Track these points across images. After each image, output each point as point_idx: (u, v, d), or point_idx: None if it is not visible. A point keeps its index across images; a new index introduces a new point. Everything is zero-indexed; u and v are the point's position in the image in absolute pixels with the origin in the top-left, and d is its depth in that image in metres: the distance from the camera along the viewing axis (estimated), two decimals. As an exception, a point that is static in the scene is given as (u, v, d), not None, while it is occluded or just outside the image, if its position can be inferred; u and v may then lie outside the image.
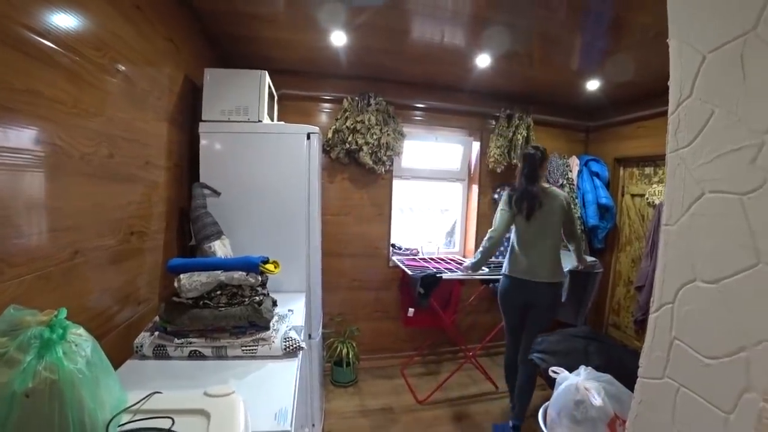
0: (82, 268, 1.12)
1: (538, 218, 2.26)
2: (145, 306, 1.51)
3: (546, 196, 2.28)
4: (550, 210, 2.27)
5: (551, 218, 2.27)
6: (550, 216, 2.27)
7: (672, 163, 0.82)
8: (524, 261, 2.28)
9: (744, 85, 0.71)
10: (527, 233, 2.30)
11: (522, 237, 2.32)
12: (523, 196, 2.27)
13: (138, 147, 1.44)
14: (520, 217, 2.29)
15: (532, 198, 2.26)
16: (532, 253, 2.28)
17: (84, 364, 0.62)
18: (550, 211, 2.27)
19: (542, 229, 2.28)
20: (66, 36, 1.01)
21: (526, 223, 2.28)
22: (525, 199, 2.26)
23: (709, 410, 0.73)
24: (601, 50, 2.28)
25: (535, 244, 2.28)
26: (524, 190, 2.28)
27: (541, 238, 2.28)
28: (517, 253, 2.33)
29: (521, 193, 2.29)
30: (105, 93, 1.21)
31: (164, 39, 1.64)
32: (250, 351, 1.20)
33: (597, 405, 1.15)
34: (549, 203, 2.27)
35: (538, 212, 2.25)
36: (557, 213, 2.28)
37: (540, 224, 2.27)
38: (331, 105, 2.91)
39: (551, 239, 2.29)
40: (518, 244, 2.33)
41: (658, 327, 0.84)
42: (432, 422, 2.45)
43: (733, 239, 0.71)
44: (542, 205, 2.25)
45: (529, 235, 2.29)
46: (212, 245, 1.73)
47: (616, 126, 3.29)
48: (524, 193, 2.28)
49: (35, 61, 0.91)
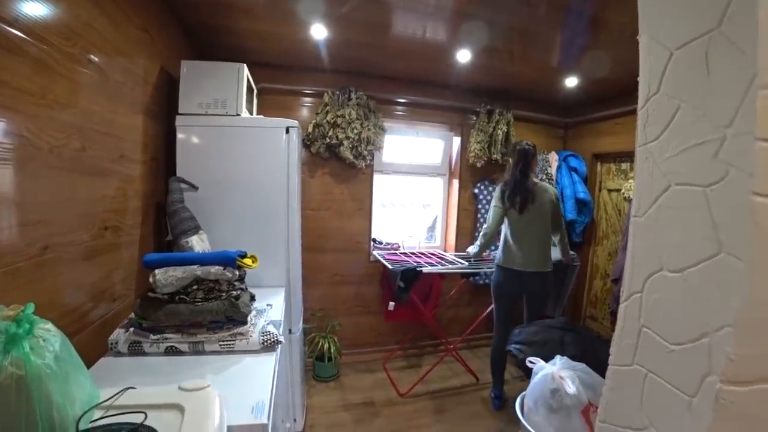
0: (53, 263, 1.08)
1: (530, 211, 2.36)
2: (121, 302, 1.47)
3: (537, 190, 2.39)
4: (542, 203, 2.38)
5: (542, 211, 2.39)
6: (541, 209, 2.38)
7: (641, 156, 0.85)
8: (518, 252, 2.39)
9: (708, 82, 0.73)
10: (520, 226, 2.40)
11: (515, 230, 2.41)
12: (516, 190, 2.37)
13: (112, 140, 1.40)
14: (513, 211, 2.39)
15: (526, 192, 2.36)
16: (525, 244, 2.39)
17: (52, 359, 0.60)
18: (541, 204, 2.38)
19: (534, 222, 2.39)
20: (34, 24, 0.97)
21: (519, 216, 2.38)
22: (518, 193, 2.36)
23: (674, 394, 0.76)
24: (579, 47, 2.32)
25: (527, 236, 2.39)
26: (518, 184, 2.38)
27: (533, 230, 2.39)
28: (510, 245, 2.42)
29: (514, 187, 2.38)
30: (76, 84, 1.17)
31: (138, 29, 1.59)
32: (228, 346, 1.19)
33: (571, 393, 1.18)
34: (540, 197, 2.38)
35: (531, 206, 2.36)
36: (548, 206, 2.40)
37: (532, 217, 2.37)
38: (311, 99, 2.89)
39: (542, 231, 2.42)
40: (512, 236, 2.42)
41: (628, 315, 0.87)
42: (413, 415, 2.47)
43: (697, 230, 0.73)
44: (534, 199, 2.37)
45: (522, 227, 2.39)
46: (189, 240, 1.70)
47: (593, 122, 3.37)
48: (518, 187, 2.38)
49: (1, 49, 0.87)
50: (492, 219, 2.47)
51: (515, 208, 2.38)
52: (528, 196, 2.36)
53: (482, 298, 3.35)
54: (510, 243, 2.43)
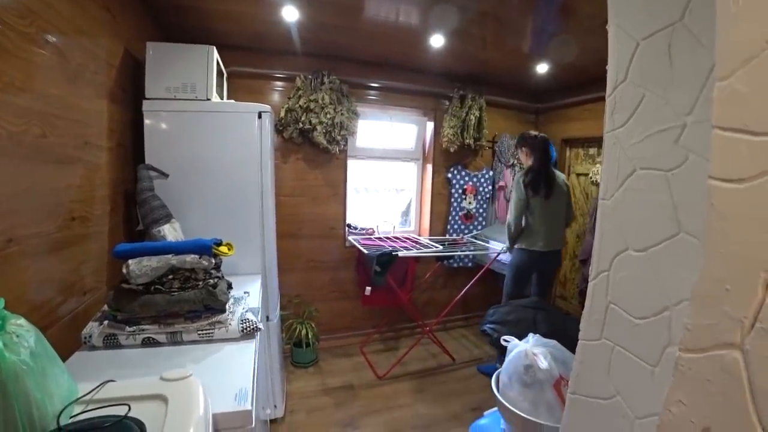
0: (18, 257, 1.04)
1: (553, 197, 2.56)
2: (92, 295, 1.43)
3: (555, 177, 2.62)
4: (559, 187, 2.61)
5: (561, 194, 2.61)
6: (560, 192, 2.61)
7: (608, 142, 0.89)
8: (542, 235, 2.56)
9: (671, 72, 0.77)
10: (545, 211, 2.57)
11: (540, 214, 2.57)
12: (540, 178, 2.55)
13: (75, 126, 1.34)
14: (537, 198, 2.55)
15: (550, 179, 2.56)
16: (548, 227, 2.57)
17: (28, 355, 0.59)
18: (560, 190, 2.61)
19: (556, 205, 2.60)
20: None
21: (545, 202, 2.55)
22: (543, 180, 2.54)
23: (638, 365, 0.82)
24: (550, 34, 2.36)
25: (550, 219, 2.58)
26: (541, 173, 2.56)
27: (555, 213, 2.61)
28: (534, 230, 2.59)
29: (538, 175, 2.56)
30: (34, 66, 1.10)
31: (99, 7, 1.51)
32: (207, 335, 1.18)
33: (543, 368, 1.24)
34: (558, 183, 2.61)
35: (553, 191, 2.56)
36: (564, 189, 2.65)
37: (555, 202, 2.58)
38: (283, 83, 2.82)
39: (561, 212, 2.65)
40: (536, 221, 2.58)
41: (596, 293, 0.92)
42: (393, 395, 2.53)
43: (659, 211, 0.78)
44: (555, 184, 2.58)
45: (547, 211, 2.57)
46: (161, 229, 1.66)
47: (563, 108, 3.45)
48: (541, 175, 2.56)
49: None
50: (518, 211, 2.58)
51: (540, 195, 2.53)
52: (553, 182, 2.56)
53: (457, 281, 3.44)
54: (533, 227, 2.58)
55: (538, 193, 2.54)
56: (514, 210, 2.60)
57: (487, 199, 3.52)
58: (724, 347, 0.50)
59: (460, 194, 3.44)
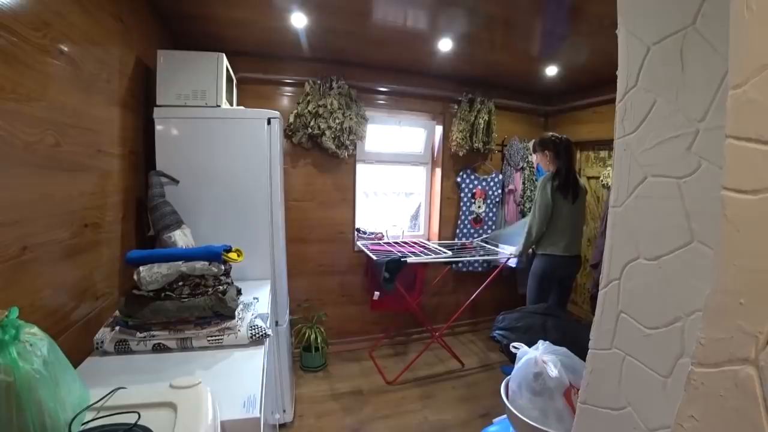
0: (32, 264, 1.05)
1: (578, 200, 2.54)
2: (104, 300, 1.45)
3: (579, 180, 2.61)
4: (582, 193, 2.58)
5: (583, 199, 2.60)
6: (582, 197, 2.59)
7: (619, 148, 0.88)
8: (566, 239, 2.52)
9: (682, 77, 0.76)
10: (571, 215, 2.52)
11: (566, 219, 2.51)
12: (568, 182, 2.49)
13: (88, 134, 1.36)
14: (563, 202, 2.49)
15: (577, 184, 2.54)
16: (572, 231, 2.55)
17: (41, 363, 0.60)
18: (582, 194, 2.58)
19: (579, 210, 2.58)
20: (1, 15, 0.93)
21: (571, 206, 2.51)
22: (570, 184, 2.50)
23: (650, 376, 0.80)
24: (559, 37, 2.34)
25: (574, 223, 2.55)
26: (569, 176, 2.51)
27: (578, 217, 2.59)
28: (560, 235, 2.52)
29: (566, 179, 2.49)
30: (48, 76, 1.12)
31: (112, 17, 1.53)
32: (216, 341, 1.19)
33: (553, 376, 1.22)
34: (580, 186, 2.58)
35: (579, 195, 2.54)
36: (584, 193, 2.62)
37: (579, 205, 2.56)
38: (292, 89, 2.85)
39: (582, 217, 2.64)
40: (562, 226, 2.52)
41: (607, 301, 0.91)
42: (401, 402, 2.52)
43: (671, 220, 0.77)
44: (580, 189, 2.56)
45: (573, 216, 2.54)
46: (172, 235, 1.68)
47: (572, 111, 3.42)
48: (569, 179, 2.50)
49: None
50: (543, 217, 2.51)
51: (567, 199, 2.49)
52: (578, 186, 2.53)
53: (466, 285, 3.41)
54: (559, 232, 2.52)
55: (566, 197, 2.49)
56: (539, 216, 2.51)
57: (497, 203, 3.50)
58: (737, 362, 0.49)
59: (470, 198, 3.42)
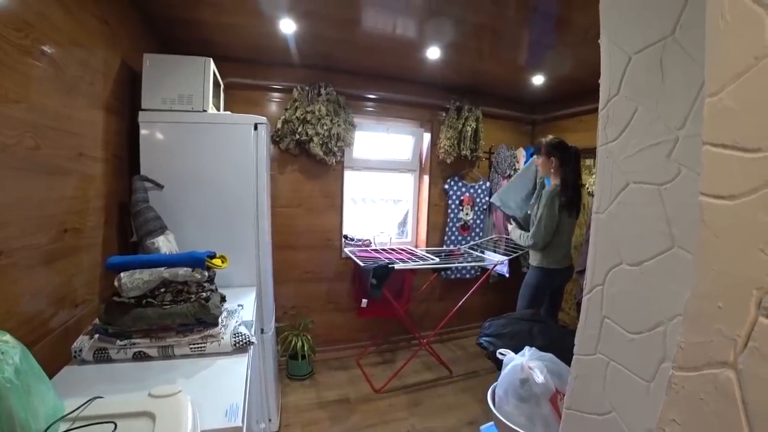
0: (8, 269, 1.02)
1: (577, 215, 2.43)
2: (84, 308, 1.41)
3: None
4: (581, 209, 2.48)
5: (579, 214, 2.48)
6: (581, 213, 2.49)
7: (602, 155, 0.89)
8: (563, 252, 2.42)
9: (662, 86, 0.78)
10: (569, 227, 2.42)
11: (565, 231, 2.39)
12: (575, 195, 2.35)
13: (69, 137, 1.33)
14: (565, 214, 2.35)
15: (580, 195, 2.41)
16: (568, 243, 2.46)
17: (12, 372, 0.58)
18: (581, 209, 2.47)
19: (574, 223, 2.46)
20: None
21: (570, 219, 2.39)
22: (577, 199, 2.37)
23: (633, 380, 0.81)
24: (546, 46, 2.38)
25: (569, 236, 2.46)
26: (577, 191, 2.36)
27: (573, 229, 2.48)
28: (558, 248, 2.40)
29: (574, 193, 2.34)
30: (28, 78, 1.10)
31: (97, 19, 1.51)
32: (199, 349, 1.16)
33: (540, 382, 1.23)
34: (582, 203, 2.47)
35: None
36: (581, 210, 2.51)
37: (575, 219, 2.44)
38: (280, 95, 2.84)
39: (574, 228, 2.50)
40: (560, 240, 2.39)
41: (591, 307, 0.92)
42: (389, 410, 2.50)
43: (653, 225, 0.78)
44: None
45: (571, 228, 2.44)
46: (155, 241, 1.65)
47: (558, 119, 3.48)
48: (576, 193, 2.36)
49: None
50: (550, 232, 2.33)
51: (570, 212, 2.36)
52: (581, 202, 2.42)
53: (454, 292, 3.42)
54: (557, 246, 2.39)
55: (571, 215, 2.36)
56: (545, 230, 2.32)
57: (485, 210, 3.53)
58: (717, 366, 0.50)
59: (457, 205, 3.44)
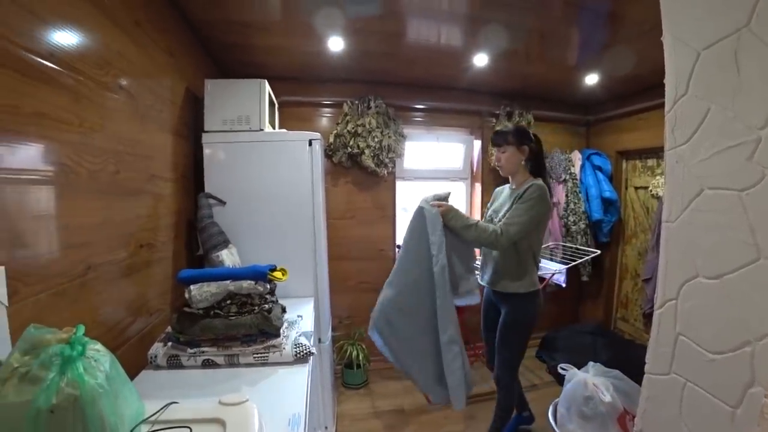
0: (95, 282, 1.14)
1: None
2: (157, 316, 1.53)
3: None
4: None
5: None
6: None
7: (670, 160, 0.83)
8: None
9: (738, 82, 0.71)
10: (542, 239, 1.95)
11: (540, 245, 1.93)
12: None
13: (142, 161, 1.47)
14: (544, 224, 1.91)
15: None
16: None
17: (103, 378, 0.64)
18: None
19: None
20: (69, 57, 1.02)
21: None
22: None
23: (715, 405, 0.74)
24: (598, 44, 2.28)
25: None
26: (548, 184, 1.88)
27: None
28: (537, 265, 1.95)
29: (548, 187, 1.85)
30: (108, 110, 1.22)
31: (164, 52, 1.66)
32: (262, 358, 1.22)
33: (606, 401, 1.16)
34: None
35: None
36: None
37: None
38: (331, 110, 2.93)
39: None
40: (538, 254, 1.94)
41: (663, 323, 0.85)
42: (444, 422, 2.46)
43: (733, 235, 0.71)
44: None
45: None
46: (220, 254, 1.75)
47: (616, 119, 3.29)
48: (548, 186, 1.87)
49: (41, 83, 0.93)
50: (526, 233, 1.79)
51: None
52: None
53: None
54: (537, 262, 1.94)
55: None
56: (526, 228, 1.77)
57: (539, 216, 3.39)
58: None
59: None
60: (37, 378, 0.57)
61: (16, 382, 0.56)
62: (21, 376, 0.57)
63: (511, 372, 1.87)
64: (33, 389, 0.56)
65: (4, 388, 0.56)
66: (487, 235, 1.72)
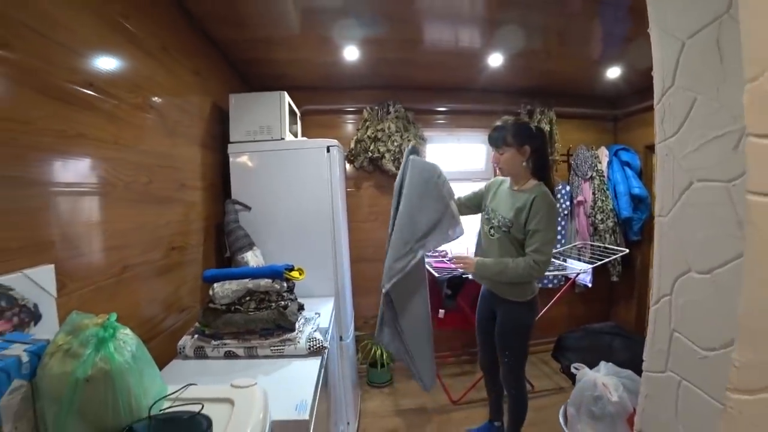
0: (131, 281, 1.26)
1: None
2: (188, 313, 1.65)
3: None
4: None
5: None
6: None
7: (661, 153, 0.84)
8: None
9: (722, 70, 0.70)
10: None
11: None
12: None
13: (173, 172, 1.60)
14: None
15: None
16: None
17: (130, 357, 0.74)
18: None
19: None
20: (104, 84, 1.16)
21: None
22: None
23: (709, 403, 0.72)
24: (619, 37, 2.23)
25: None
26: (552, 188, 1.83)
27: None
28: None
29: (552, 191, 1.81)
30: (141, 128, 1.36)
31: (190, 72, 1.79)
32: (278, 350, 1.30)
33: (614, 401, 1.15)
34: None
35: None
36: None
37: None
38: (352, 116, 3.01)
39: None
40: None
41: (658, 319, 0.85)
42: (466, 422, 2.46)
43: (723, 228, 0.70)
44: None
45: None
46: (245, 256, 1.86)
47: (643, 112, 3.15)
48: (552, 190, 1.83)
49: (82, 109, 1.07)
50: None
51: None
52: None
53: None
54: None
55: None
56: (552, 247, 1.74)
57: (566, 215, 3.32)
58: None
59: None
60: (76, 354, 0.69)
61: (60, 357, 0.68)
62: (64, 352, 0.69)
63: (517, 373, 1.86)
64: (73, 362, 0.68)
65: (50, 361, 0.68)
66: (522, 271, 1.68)
